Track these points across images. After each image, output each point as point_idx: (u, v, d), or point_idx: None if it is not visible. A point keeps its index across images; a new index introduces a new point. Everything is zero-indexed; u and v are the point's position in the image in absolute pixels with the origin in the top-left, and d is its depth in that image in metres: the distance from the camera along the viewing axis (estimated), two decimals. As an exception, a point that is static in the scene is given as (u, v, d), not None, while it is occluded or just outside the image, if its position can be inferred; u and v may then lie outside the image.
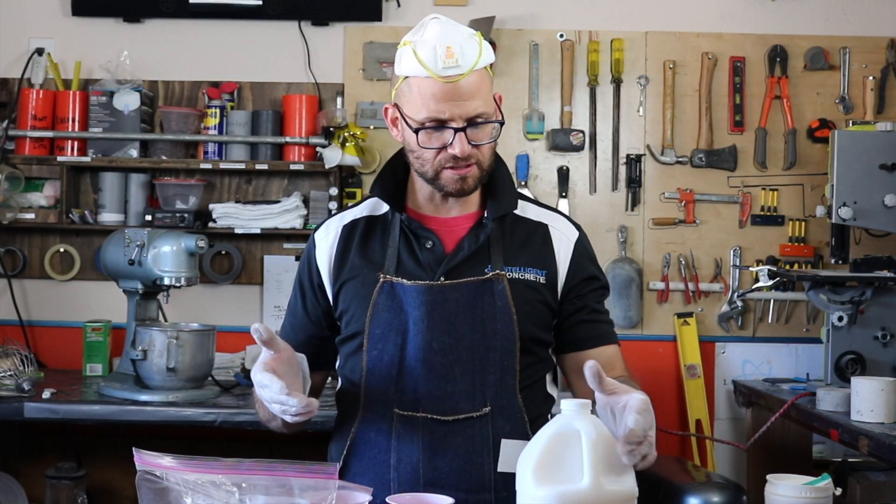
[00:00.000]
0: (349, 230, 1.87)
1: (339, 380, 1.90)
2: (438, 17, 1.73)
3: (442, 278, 1.78)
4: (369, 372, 1.79)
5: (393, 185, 1.86)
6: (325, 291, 1.87)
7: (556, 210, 1.94)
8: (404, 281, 1.77)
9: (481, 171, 1.77)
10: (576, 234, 1.89)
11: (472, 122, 1.71)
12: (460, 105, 1.69)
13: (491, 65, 1.75)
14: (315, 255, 1.88)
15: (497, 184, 1.85)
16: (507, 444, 1.75)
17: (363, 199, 1.93)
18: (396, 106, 1.77)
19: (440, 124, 1.71)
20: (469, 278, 1.78)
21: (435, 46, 1.68)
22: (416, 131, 1.72)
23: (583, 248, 1.89)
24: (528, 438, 1.74)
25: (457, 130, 1.70)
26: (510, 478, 1.69)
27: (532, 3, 3.83)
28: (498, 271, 1.78)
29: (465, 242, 1.81)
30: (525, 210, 1.88)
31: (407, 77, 1.72)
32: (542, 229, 1.87)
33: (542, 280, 1.82)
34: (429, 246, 1.81)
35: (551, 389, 1.90)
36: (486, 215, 1.82)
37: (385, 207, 1.87)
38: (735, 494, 2.74)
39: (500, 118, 1.77)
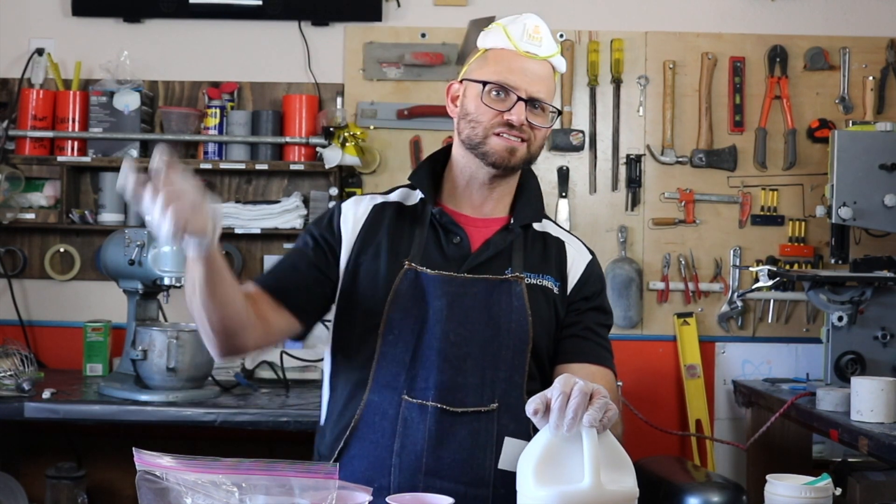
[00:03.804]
0: (379, 210, 1.90)
1: (331, 362, 1.89)
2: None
3: (465, 273, 1.81)
4: (382, 356, 1.80)
5: (430, 178, 1.90)
6: (336, 255, 1.87)
7: (573, 234, 2.01)
8: (428, 270, 1.80)
9: (528, 153, 1.84)
10: (590, 256, 1.96)
11: (533, 101, 1.80)
12: (529, 81, 1.80)
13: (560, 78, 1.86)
14: (339, 220, 1.89)
15: (527, 193, 1.92)
16: (509, 443, 1.76)
17: (395, 189, 1.96)
18: (463, 82, 1.85)
19: (505, 91, 1.79)
20: (489, 276, 1.81)
21: (525, 24, 1.82)
22: (484, 84, 1.80)
23: (593, 271, 1.94)
24: (530, 439, 1.75)
25: (520, 99, 1.78)
26: (508, 475, 1.70)
27: (532, 4, 3.80)
28: (517, 274, 1.83)
29: (491, 243, 1.85)
30: (546, 227, 1.95)
31: (487, 50, 1.84)
32: (559, 244, 1.93)
33: (556, 290, 1.87)
34: (456, 241, 1.85)
35: None
36: (512, 221, 1.88)
37: (415, 199, 1.91)
38: (735, 494, 2.74)
39: (558, 109, 1.87)
